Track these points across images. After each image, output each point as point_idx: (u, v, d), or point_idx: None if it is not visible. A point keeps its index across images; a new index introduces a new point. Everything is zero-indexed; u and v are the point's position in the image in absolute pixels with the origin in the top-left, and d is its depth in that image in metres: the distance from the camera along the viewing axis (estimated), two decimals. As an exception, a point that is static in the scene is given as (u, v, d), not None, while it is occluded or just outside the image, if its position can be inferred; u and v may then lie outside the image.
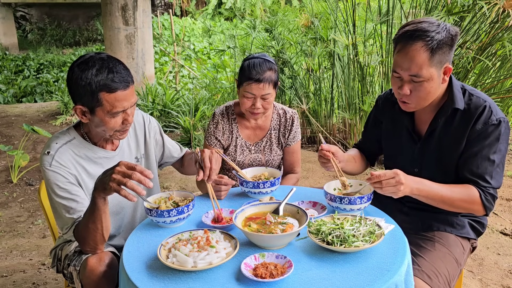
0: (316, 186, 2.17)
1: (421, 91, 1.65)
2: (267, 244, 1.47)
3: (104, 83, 1.58)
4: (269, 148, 2.29)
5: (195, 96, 6.36)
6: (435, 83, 1.65)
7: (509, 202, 3.76)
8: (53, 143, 1.70)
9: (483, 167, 1.68)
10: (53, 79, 8.87)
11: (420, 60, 1.60)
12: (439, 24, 1.62)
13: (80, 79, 1.59)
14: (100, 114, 1.63)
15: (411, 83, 1.65)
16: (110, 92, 1.60)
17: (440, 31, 1.60)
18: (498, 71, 4.35)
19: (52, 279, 2.80)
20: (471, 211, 1.73)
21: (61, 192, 1.65)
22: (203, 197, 1.96)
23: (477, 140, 1.69)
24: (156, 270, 1.38)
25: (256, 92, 2.08)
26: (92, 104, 1.62)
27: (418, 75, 1.62)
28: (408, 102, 1.71)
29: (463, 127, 1.71)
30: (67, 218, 1.65)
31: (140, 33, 6.87)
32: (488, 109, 1.69)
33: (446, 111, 1.74)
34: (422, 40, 1.59)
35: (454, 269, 1.71)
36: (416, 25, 1.63)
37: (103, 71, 1.59)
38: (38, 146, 5.39)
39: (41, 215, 3.72)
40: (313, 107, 5.03)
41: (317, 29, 4.76)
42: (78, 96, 1.63)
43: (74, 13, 15.74)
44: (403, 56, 1.63)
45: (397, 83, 1.70)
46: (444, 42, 1.60)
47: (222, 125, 2.26)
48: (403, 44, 1.63)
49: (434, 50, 1.59)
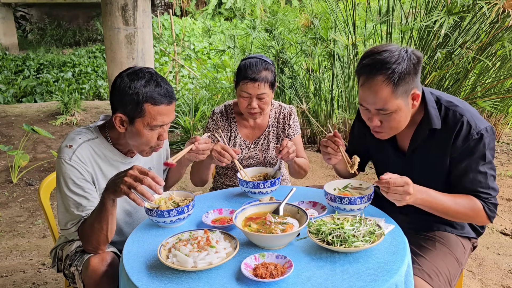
0: (316, 186, 2.16)
1: (391, 121, 1.63)
2: (267, 244, 1.47)
3: (151, 95, 1.63)
4: (266, 145, 2.30)
5: (195, 96, 6.36)
6: (404, 112, 1.62)
7: (509, 202, 3.76)
8: (76, 137, 1.71)
9: (477, 181, 1.66)
10: (53, 79, 8.87)
11: (383, 95, 1.55)
12: (399, 53, 1.55)
13: (128, 87, 1.63)
14: (139, 126, 1.66)
15: (379, 115, 1.62)
16: (155, 105, 1.64)
17: (400, 62, 1.53)
18: (498, 71, 4.35)
19: (52, 279, 2.80)
20: (474, 222, 1.72)
21: (75, 188, 1.66)
22: (203, 197, 1.96)
23: (462, 157, 1.66)
24: (156, 270, 1.38)
25: (252, 91, 2.10)
26: (134, 114, 1.64)
27: (384, 108, 1.58)
28: (381, 131, 1.69)
29: (444, 144, 1.68)
30: (75, 214, 1.66)
31: (140, 33, 6.86)
32: (467, 124, 1.64)
33: (424, 132, 1.70)
34: (383, 74, 1.53)
35: (455, 268, 1.71)
36: (375, 56, 1.57)
37: (152, 84, 1.64)
38: (38, 146, 5.39)
39: (41, 215, 3.72)
40: (313, 107, 5.03)
41: (317, 29, 4.76)
42: (122, 104, 1.66)
43: (74, 13, 15.73)
44: (366, 91, 1.59)
45: (366, 114, 1.67)
46: (406, 73, 1.54)
47: (221, 124, 2.28)
48: (365, 78, 1.59)
49: (396, 83, 1.54)
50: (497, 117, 5.06)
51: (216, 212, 1.76)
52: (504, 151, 5.05)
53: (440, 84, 4.10)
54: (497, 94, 4.44)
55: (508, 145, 5.19)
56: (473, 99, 4.12)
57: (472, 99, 4.11)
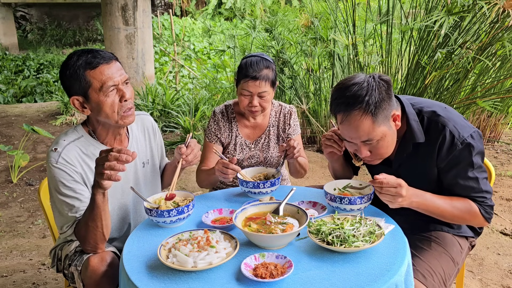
0: (316, 186, 2.16)
1: (379, 148, 1.63)
2: (267, 244, 1.47)
3: (86, 62, 1.64)
4: (267, 145, 2.30)
5: (195, 96, 6.37)
6: (389, 137, 1.63)
7: (509, 202, 3.76)
8: (61, 140, 1.71)
9: (469, 187, 1.66)
10: (53, 79, 8.87)
11: (365, 127, 1.56)
12: (368, 84, 1.55)
13: (66, 69, 1.66)
14: (94, 96, 1.66)
15: (366, 145, 1.63)
16: (93, 68, 1.64)
17: (372, 92, 1.53)
18: (498, 71, 4.35)
19: (52, 279, 2.80)
20: (472, 224, 1.72)
21: (66, 190, 1.65)
22: (203, 197, 1.96)
23: (450, 167, 1.66)
24: (156, 270, 1.38)
25: (253, 89, 2.10)
26: (83, 88, 1.65)
27: (369, 139, 1.59)
28: (372, 159, 1.70)
29: (429, 156, 1.69)
30: (69, 216, 1.66)
31: (140, 33, 6.87)
32: (449, 134, 1.63)
33: (408, 146, 1.70)
34: (359, 108, 1.54)
35: (450, 268, 1.71)
36: (345, 93, 1.56)
37: (84, 55, 1.66)
38: (38, 146, 5.39)
39: (41, 215, 3.72)
40: (313, 107, 5.03)
41: (317, 29, 4.76)
42: (70, 87, 1.68)
43: (74, 13, 15.74)
44: (347, 127, 1.60)
45: (352, 147, 1.68)
46: (381, 100, 1.54)
47: (222, 124, 2.28)
48: (342, 115, 1.58)
49: (374, 113, 1.54)
50: (497, 117, 5.06)
51: (216, 212, 1.75)
52: (504, 151, 5.05)
53: (440, 84, 4.10)
54: (497, 94, 4.43)
55: (508, 145, 5.19)
56: (473, 99, 4.12)
57: (472, 99, 4.12)
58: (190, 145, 1.86)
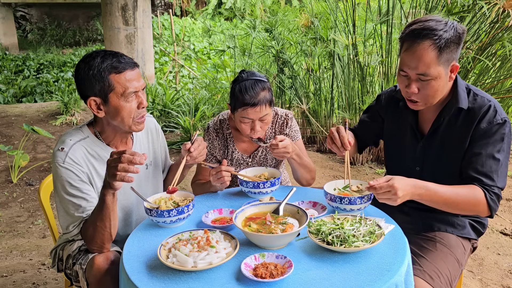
0: (316, 186, 2.16)
1: (428, 89, 1.65)
2: (267, 244, 1.47)
3: (112, 65, 1.65)
4: (264, 157, 2.23)
5: (195, 96, 6.37)
6: (442, 81, 1.65)
7: (509, 202, 3.76)
8: (67, 139, 1.71)
9: (488, 165, 1.67)
10: (53, 79, 8.87)
11: (428, 59, 1.59)
12: (447, 22, 1.62)
13: (88, 69, 1.64)
14: (114, 100, 1.66)
15: (418, 81, 1.65)
16: (119, 73, 1.65)
17: (447, 30, 1.59)
18: (498, 71, 4.34)
19: (52, 279, 2.80)
20: (475, 212, 1.71)
21: (72, 190, 1.65)
22: (203, 197, 1.96)
23: (482, 138, 1.68)
24: (156, 270, 1.38)
25: (253, 116, 1.98)
26: (105, 91, 1.65)
27: (425, 73, 1.61)
28: (416, 101, 1.70)
29: (466, 126, 1.71)
30: (76, 216, 1.66)
31: (140, 33, 6.87)
32: (493, 108, 1.68)
33: (449, 110, 1.73)
34: (430, 39, 1.58)
35: (456, 269, 1.71)
36: (423, 23, 1.62)
37: (108, 57, 1.66)
38: (38, 146, 5.39)
39: (41, 215, 3.72)
40: (313, 107, 5.03)
41: (317, 29, 4.76)
42: (90, 87, 1.66)
43: (74, 13, 15.74)
44: (410, 55, 1.63)
45: (404, 81, 1.69)
46: (452, 41, 1.60)
47: (217, 142, 2.19)
48: (410, 43, 1.62)
49: (442, 48, 1.58)
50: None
51: (216, 212, 1.76)
52: (504, 151, 5.05)
53: (440, 84, 4.10)
54: (497, 94, 4.43)
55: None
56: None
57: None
58: (196, 142, 1.87)
